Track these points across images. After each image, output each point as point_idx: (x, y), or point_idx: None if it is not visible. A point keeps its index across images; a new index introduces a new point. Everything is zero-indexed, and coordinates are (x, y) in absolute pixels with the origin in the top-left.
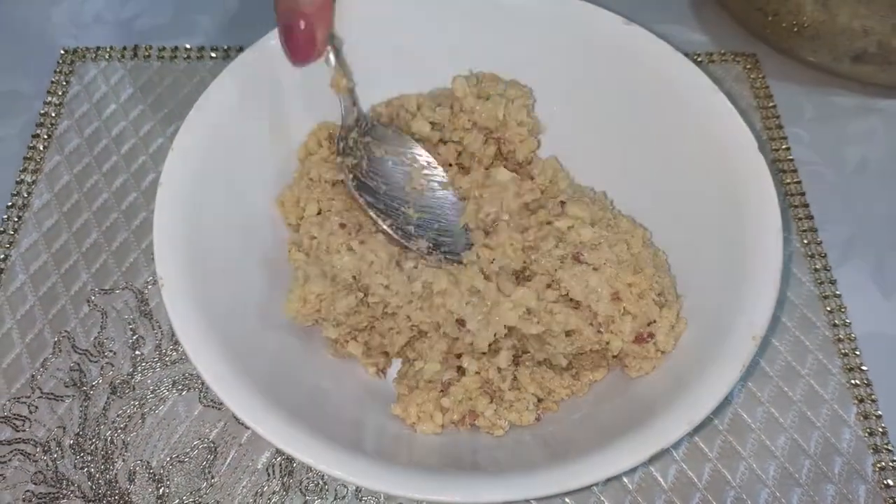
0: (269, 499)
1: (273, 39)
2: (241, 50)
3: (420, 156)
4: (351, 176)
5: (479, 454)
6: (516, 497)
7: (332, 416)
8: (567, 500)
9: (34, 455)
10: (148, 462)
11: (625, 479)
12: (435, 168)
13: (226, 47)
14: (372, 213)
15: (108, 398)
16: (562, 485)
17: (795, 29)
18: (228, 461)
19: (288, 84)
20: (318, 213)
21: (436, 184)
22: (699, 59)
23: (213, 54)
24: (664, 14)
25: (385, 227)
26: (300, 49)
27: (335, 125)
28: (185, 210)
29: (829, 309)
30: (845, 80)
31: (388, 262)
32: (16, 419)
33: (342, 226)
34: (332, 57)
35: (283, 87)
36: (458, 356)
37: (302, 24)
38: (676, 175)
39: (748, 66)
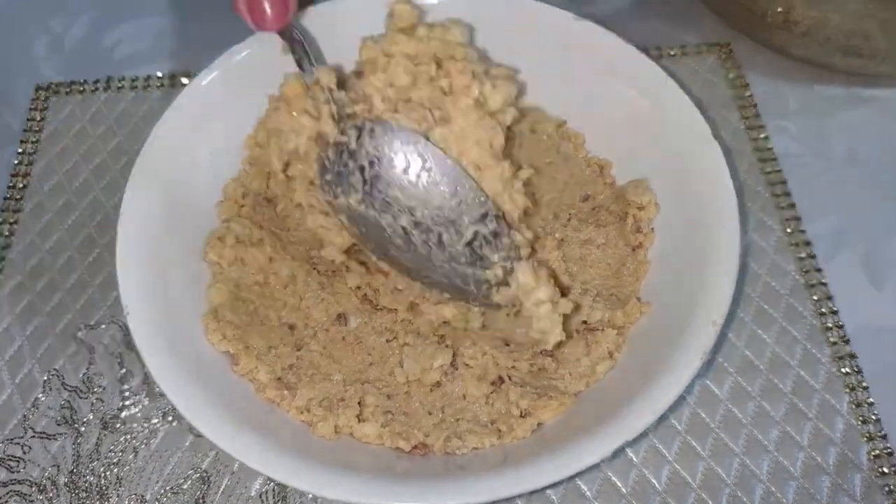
0: None
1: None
2: None
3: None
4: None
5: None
6: (492, 497)
7: (303, 431)
8: None
9: (30, 496)
10: (142, 496)
11: (618, 484)
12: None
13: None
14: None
15: (99, 434)
16: (530, 482)
17: (785, 25)
18: (222, 489)
19: (243, 105)
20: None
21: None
22: (672, 53)
23: (185, 80)
24: (644, 10)
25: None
26: (274, 7)
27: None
28: (147, 238)
29: (815, 298)
30: (831, 72)
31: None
32: (10, 460)
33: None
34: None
35: (240, 105)
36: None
37: None
38: (630, 165)
39: (722, 57)
